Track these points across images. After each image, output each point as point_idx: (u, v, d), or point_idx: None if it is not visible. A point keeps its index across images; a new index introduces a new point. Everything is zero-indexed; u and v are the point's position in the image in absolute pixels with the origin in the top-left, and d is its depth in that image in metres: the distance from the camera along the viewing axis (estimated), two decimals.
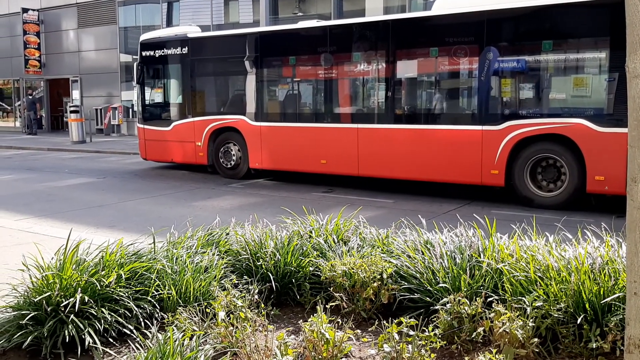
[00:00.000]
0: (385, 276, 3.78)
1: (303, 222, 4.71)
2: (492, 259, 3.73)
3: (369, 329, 3.58)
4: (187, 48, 12.45)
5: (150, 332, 2.87)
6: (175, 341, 2.58)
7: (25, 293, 3.33)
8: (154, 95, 13.52)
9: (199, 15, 21.93)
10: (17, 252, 6.28)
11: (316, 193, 10.43)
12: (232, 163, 12.29)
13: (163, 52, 12.91)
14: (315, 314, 3.25)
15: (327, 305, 3.60)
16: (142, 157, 13.94)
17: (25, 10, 25.52)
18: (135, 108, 14.01)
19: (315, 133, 11.02)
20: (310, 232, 4.56)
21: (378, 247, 4.29)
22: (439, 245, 3.88)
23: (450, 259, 3.79)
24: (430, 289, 3.65)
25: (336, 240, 4.49)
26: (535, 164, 8.93)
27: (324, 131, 10.91)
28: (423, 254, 3.91)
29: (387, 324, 3.12)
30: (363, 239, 4.48)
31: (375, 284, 3.72)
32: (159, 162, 13.97)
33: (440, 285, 3.62)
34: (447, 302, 3.38)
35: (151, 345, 2.62)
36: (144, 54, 13.32)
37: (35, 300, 3.22)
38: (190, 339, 2.69)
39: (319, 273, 4.08)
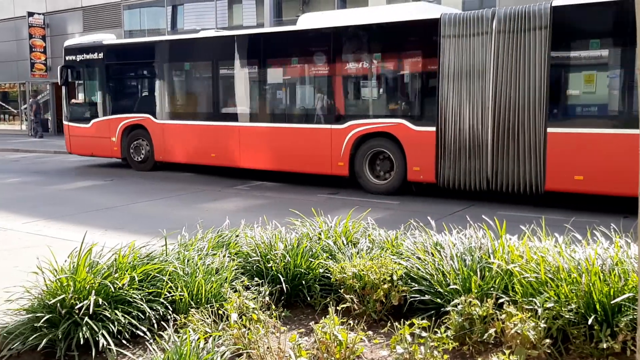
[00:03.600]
0: (395, 278, 3.79)
1: (312, 224, 4.73)
2: (502, 260, 3.74)
3: (380, 331, 3.60)
4: (102, 54, 14.02)
5: (166, 333, 2.90)
6: (191, 343, 2.60)
7: (39, 296, 3.36)
8: (77, 96, 15.20)
9: (204, 18, 21.99)
10: (27, 254, 6.34)
11: (322, 195, 10.46)
12: (142, 157, 13.95)
13: (83, 57, 14.38)
14: (326, 316, 3.27)
15: (338, 307, 3.62)
16: (68, 151, 15.52)
17: (30, 14, 25.64)
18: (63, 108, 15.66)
19: (206, 130, 12.71)
20: (320, 234, 4.58)
21: (387, 249, 4.30)
22: (448, 246, 3.90)
23: (460, 260, 3.81)
24: (441, 290, 3.67)
25: (345, 242, 4.50)
26: (373, 157, 10.62)
27: (213, 129, 12.58)
28: (433, 255, 3.93)
29: (399, 326, 3.14)
30: (372, 241, 4.50)
31: (385, 286, 3.74)
32: (82, 155, 15.50)
33: (451, 286, 3.63)
34: (458, 304, 3.40)
35: (168, 347, 2.64)
36: (67, 58, 14.76)
37: (50, 302, 3.25)
38: (206, 340, 2.71)
39: (328, 275, 4.10)
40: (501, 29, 9.11)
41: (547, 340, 3.15)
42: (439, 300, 3.65)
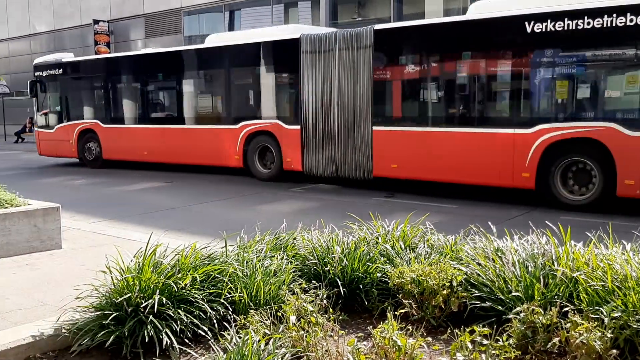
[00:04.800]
0: (454, 284, 3.74)
1: (369, 228, 4.72)
2: (566, 267, 3.63)
3: (440, 337, 3.55)
4: (61, 69, 16.61)
5: (228, 334, 2.95)
6: (252, 344, 2.64)
7: (107, 294, 3.48)
8: (44, 106, 17.51)
9: (260, 22, 22.30)
10: (93, 253, 6.60)
11: (377, 198, 10.42)
12: (93, 156, 16.38)
13: (47, 73, 16.92)
14: (384, 321, 3.26)
15: (396, 312, 3.60)
16: (39, 154, 17.83)
17: (96, 22, 26.70)
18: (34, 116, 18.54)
19: (139, 132, 15.23)
20: (377, 238, 4.56)
21: (446, 254, 4.24)
22: (510, 252, 3.81)
23: (523, 267, 3.72)
24: (502, 297, 3.59)
25: (403, 247, 4.47)
26: (261, 152, 12.89)
27: (144, 131, 15.13)
28: (494, 261, 3.85)
29: (459, 332, 3.09)
30: (431, 246, 4.45)
31: (444, 292, 3.69)
32: (50, 156, 17.79)
33: (513, 294, 3.55)
34: (521, 311, 3.32)
35: (230, 347, 2.69)
36: (36, 73, 17.19)
37: (117, 301, 3.37)
38: (266, 342, 2.76)
39: (386, 279, 4.08)
40: (340, 47, 11.20)
41: (614, 351, 3.03)
42: (500, 307, 3.57)
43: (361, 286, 4.11)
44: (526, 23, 8.91)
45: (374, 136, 10.80)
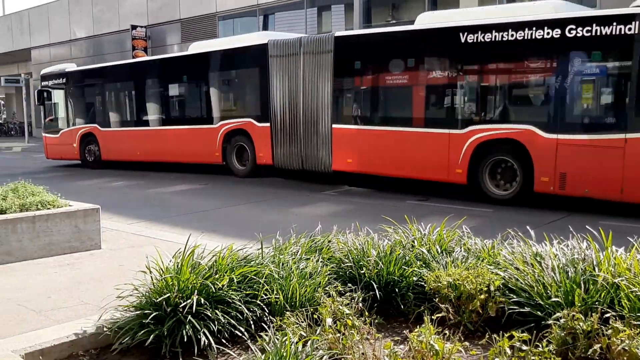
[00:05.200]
0: (492, 288, 3.69)
1: (405, 231, 4.70)
2: (608, 273, 3.55)
3: (477, 342, 3.51)
4: (65, 79, 18.09)
5: (266, 335, 2.98)
6: (291, 345, 2.66)
7: (147, 294, 3.55)
8: (50, 112, 19.04)
9: (294, 25, 22.42)
10: (131, 254, 6.73)
11: (410, 201, 10.35)
12: (94, 157, 17.71)
13: (53, 82, 18.38)
14: (420, 325, 3.24)
15: (432, 316, 3.57)
16: (46, 157, 19.21)
17: (134, 27, 27.23)
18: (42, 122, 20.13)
19: (132, 134, 16.75)
20: (413, 241, 4.54)
21: (484, 259, 4.20)
22: (549, 257, 3.75)
23: (563, 272, 3.65)
24: (541, 302, 3.53)
25: (439, 251, 4.44)
26: (238, 149, 14.19)
27: (137, 133, 16.61)
28: (532, 266, 3.79)
29: (497, 338, 3.06)
30: (468, 250, 4.40)
31: (482, 296, 3.65)
32: (56, 160, 19.21)
33: (552, 299, 3.49)
34: (561, 317, 3.26)
35: (268, 348, 2.72)
36: (42, 83, 18.67)
37: (156, 301, 3.43)
38: (304, 344, 2.77)
39: (422, 283, 4.05)
40: (305, 51, 12.22)
41: None
42: (539, 313, 3.52)
43: (397, 290, 4.09)
44: (460, 34, 9.87)
45: (334, 133, 11.97)
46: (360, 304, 3.76)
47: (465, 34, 9.78)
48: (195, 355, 3.29)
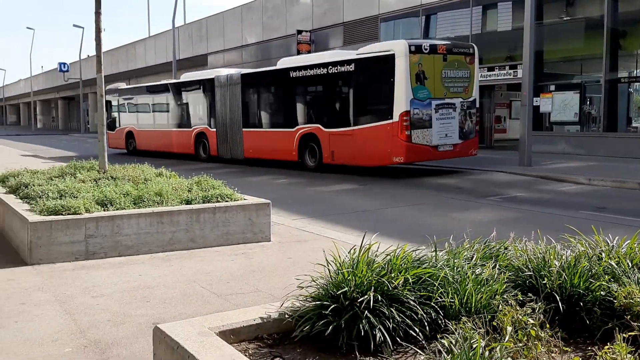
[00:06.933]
0: None
1: (590, 243, 4.36)
2: None
3: None
4: (117, 93, 26.68)
5: (446, 337, 2.94)
6: (479, 349, 2.60)
7: (324, 286, 3.67)
8: (110, 116, 26.69)
9: (457, 26, 21.96)
10: (297, 248, 7.03)
11: (584, 211, 9.62)
12: (132, 148, 25.86)
13: (112, 95, 26.50)
14: (608, 343, 2.98)
15: (624, 334, 3.27)
16: (108, 147, 23.38)
17: (299, 32, 28.51)
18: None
19: (154, 133, 24.38)
20: (600, 253, 4.20)
21: None
22: None
23: None
24: None
25: (630, 265, 4.05)
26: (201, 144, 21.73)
27: (157, 132, 24.24)
28: None
29: None
30: None
31: None
32: (112, 148, 25.26)
33: None
34: None
35: (456, 350, 2.68)
36: (106, 96, 22.45)
37: (334, 293, 3.53)
38: (490, 352, 2.69)
39: (609, 298, 3.73)
40: (229, 83, 19.58)
41: None
42: None
43: (581, 303, 3.81)
44: (290, 72, 17.21)
45: (244, 134, 19.11)
46: (542, 316, 3.56)
47: (291, 72, 17.18)
48: (371, 351, 3.33)
